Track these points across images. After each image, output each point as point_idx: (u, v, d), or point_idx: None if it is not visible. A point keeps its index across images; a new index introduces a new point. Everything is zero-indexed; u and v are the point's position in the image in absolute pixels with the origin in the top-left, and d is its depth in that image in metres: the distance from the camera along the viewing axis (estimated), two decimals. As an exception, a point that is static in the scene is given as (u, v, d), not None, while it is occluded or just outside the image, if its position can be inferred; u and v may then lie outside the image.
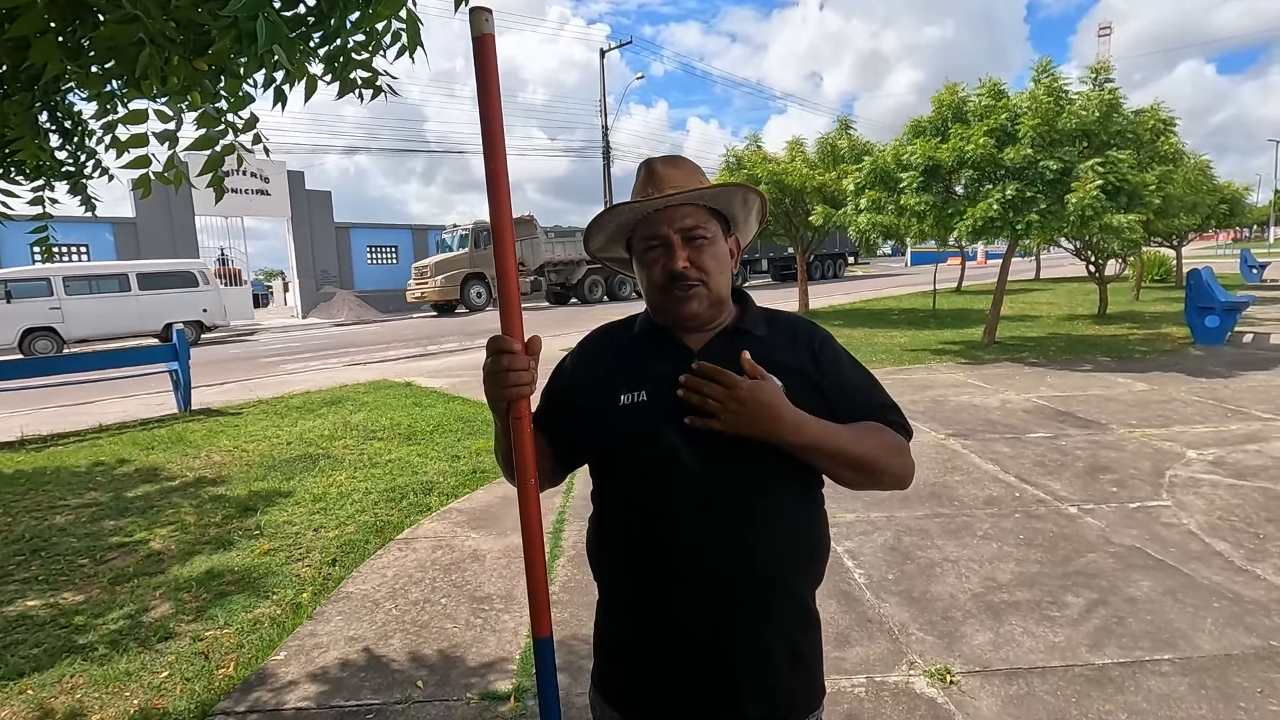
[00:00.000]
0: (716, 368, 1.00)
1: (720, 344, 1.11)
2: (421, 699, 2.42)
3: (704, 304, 1.09)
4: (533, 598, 1.06)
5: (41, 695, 2.57)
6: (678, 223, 1.08)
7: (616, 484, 1.12)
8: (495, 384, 0.99)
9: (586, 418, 1.11)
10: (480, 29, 0.94)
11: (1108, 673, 2.42)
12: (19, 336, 15.34)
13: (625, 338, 1.18)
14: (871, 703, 2.31)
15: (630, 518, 1.09)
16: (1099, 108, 7.99)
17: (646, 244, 1.10)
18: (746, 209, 1.16)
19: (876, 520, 3.85)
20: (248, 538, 4.03)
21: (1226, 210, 18.42)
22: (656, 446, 1.05)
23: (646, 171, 1.12)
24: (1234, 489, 4.12)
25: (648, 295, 1.13)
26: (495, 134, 0.96)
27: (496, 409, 1.03)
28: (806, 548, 1.12)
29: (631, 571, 1.11)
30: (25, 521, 4.47)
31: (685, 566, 1.04)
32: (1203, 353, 9.00)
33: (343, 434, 6.41)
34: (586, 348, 1.20)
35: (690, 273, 1.07)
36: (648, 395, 1.08)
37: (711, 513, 1.04)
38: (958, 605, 2.92)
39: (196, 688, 2.56)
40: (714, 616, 1.04)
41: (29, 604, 3.33)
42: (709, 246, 1.09)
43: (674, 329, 1.13)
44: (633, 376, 1.10)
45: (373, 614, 3.07)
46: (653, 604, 1.08)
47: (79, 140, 2.02)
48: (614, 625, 1.16)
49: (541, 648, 1.08)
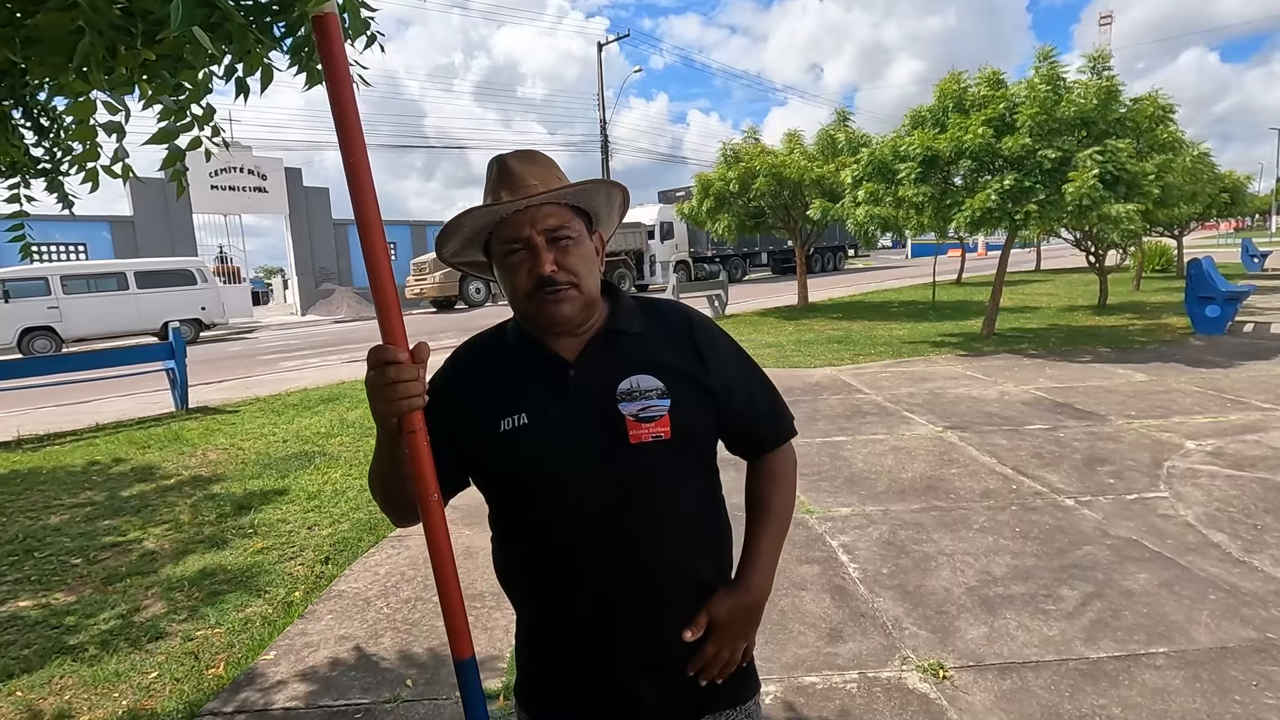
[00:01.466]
0: (712, 655, 1.07)
1: (596, 349, 1.06)
2: (410, 698, 2.41)
3: (576, 306, 1.03)
4: (449, 619, 1.00)
5: (30, 696, 2.56)
6: (540, 223, 1.00)
7: (509, 508, 1.09)
8: (382, 398, 0.93)
9: (467, 443, 1.06)
10: (318, 6, 0.85)
11: (1102, 666, 2.40)
12: (17, 336, 15.34)
13: (496, 351, 1.11)
14: (864, 699, 2.29)
15: (528, 539, 1.07)
16: (1097, 96, 7.93)
17: (508, 248, 1.02)
18: (610, 204, 1.10)
19: (872, 514, 3.83)
20: (241, 536, 4.01)
21: (1228, 199, 18.31)
22: (544, 470, 1.02)
23: (499, 169, 1.04)
24: (1232, 479, 4.09)
25: (514, 303, 1.05)
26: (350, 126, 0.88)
27: (385, 425, 0.96)
28: (710, 538, 1.12)
29: (535, 589, 1.09)
30: (20, 521, 4.46)
31: (589, 577, 1.03)
32: (1203, 343, 8.96)
33: (339, 431, 6.40)
34: (457, 366, 1.12)
35: (559, 276, 1.00)
36: (528, 418, 1.02)
37: (612, 523, 1.01)
38: (952, 599, 2.90)
39: (185, 688, 2.55)
40: (632, 615, 1.04)
41: (20, 604, 3.32)
42: (576, 247, 1.03)
43: (545, 337, 1.06)
44: (511, 398, 1.04)
45: (364, 612, 3.05)
46: (562, 617, 1.07)
47: (55, 136, 1.99)
48: (529, 637, 1.14)
49: (464, 669, 1.02)
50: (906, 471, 4.50)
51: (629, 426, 1.00)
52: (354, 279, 28.51)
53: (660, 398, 1.02)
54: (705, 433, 1.09)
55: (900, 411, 6.04)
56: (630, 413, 1.01)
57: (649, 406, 1.01)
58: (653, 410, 1.01)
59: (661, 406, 1.01)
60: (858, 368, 8.29)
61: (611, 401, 1.01)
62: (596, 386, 1.03)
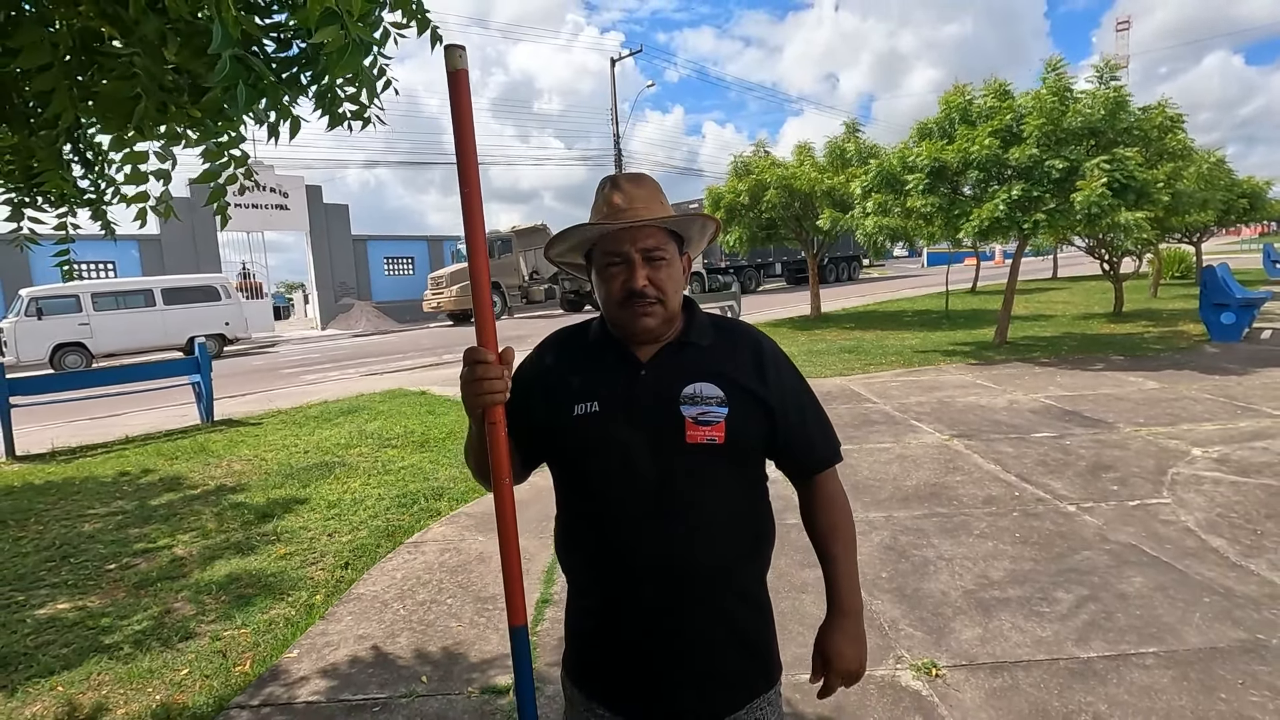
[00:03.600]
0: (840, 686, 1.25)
1: (667, 355, 1.18)
2: (425, 693, 2.53)
3: (659, 319, 1.16)
4: (508, 588, 1.15)
5: (70, 692, 2.72)
6: (640, 242, 1.13)
7: (575, 487, 1.22)
8: (471, 392, 1.08)
9: (543, 426, 1.20)
10: (454, 65, 1.03)
11: (1092, 666, 2.47)
12: (50, 352, 15.81)
13: (579, 345, 1.25)
14: (857, 695, 2.38)
15: (590, 518, 1.19)
16: (1105, 106, 7.98)
17: (608, 259, 1.16)
18: (702, 232, 1.25)
19: (874, 520, 3.90)
20: (265, 543, 4.18)
21: (1247, 205, 18.11)
22: (610, 454, 1.14)
23: (611, 188, 1.18)
24: (1236, 486, 4.12)
25: (606, 308, 1.19)
26: (469, 161, 1.06)
27: (473, 415, 1.12)
28: (752, 539, 1.21)
29: (593, 566, 1.20)
30: (55, 529, 4.67)
31: (640, 560, 1.13)
32: (1218, 350, 8.91)
33: (358, 442, 6.58)
34: (542, 355, 1.27)
35: (649, 291, 1.13)
36: (599, 406, 1.15)
37: (663, 512, 1.13)
38: (949, 602, 2.97)
39: (214, 684, 2.70)
40: (668, 605, 1.14)
41: (59, 607, 3.50)
42: (667, 266, 1.16)
43: (626, 341, 1.19)
44: (585, 388, 1.17)
45: (381, 614, 3.19)
46: (612, 595, 1.17)
47: (99, 170, 2.17)
48: (580, 613, 1.25)
49: (516, 635, 1.17)
50: (911, 479, 4.57)
51: (687, 427, 1.11)
52: (372, 294, 28.99)
53: (719, 405, 1.12)
54: (757, 443, 1.18)
55: (908, 420, 6.10)
56: (690, 415, 1.12)
57: (708, 411, 1.12)
58: (710, 415, 1.12)
59: (719, 413, 1.12)
60: (868, 377, 8.34)
61: (675, 403, 1.13)
62: (663, 388, 1.14)
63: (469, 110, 1.06)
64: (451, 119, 1.05)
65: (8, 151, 1.94)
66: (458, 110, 1.04)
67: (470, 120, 1.06)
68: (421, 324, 25.49)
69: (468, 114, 1.05)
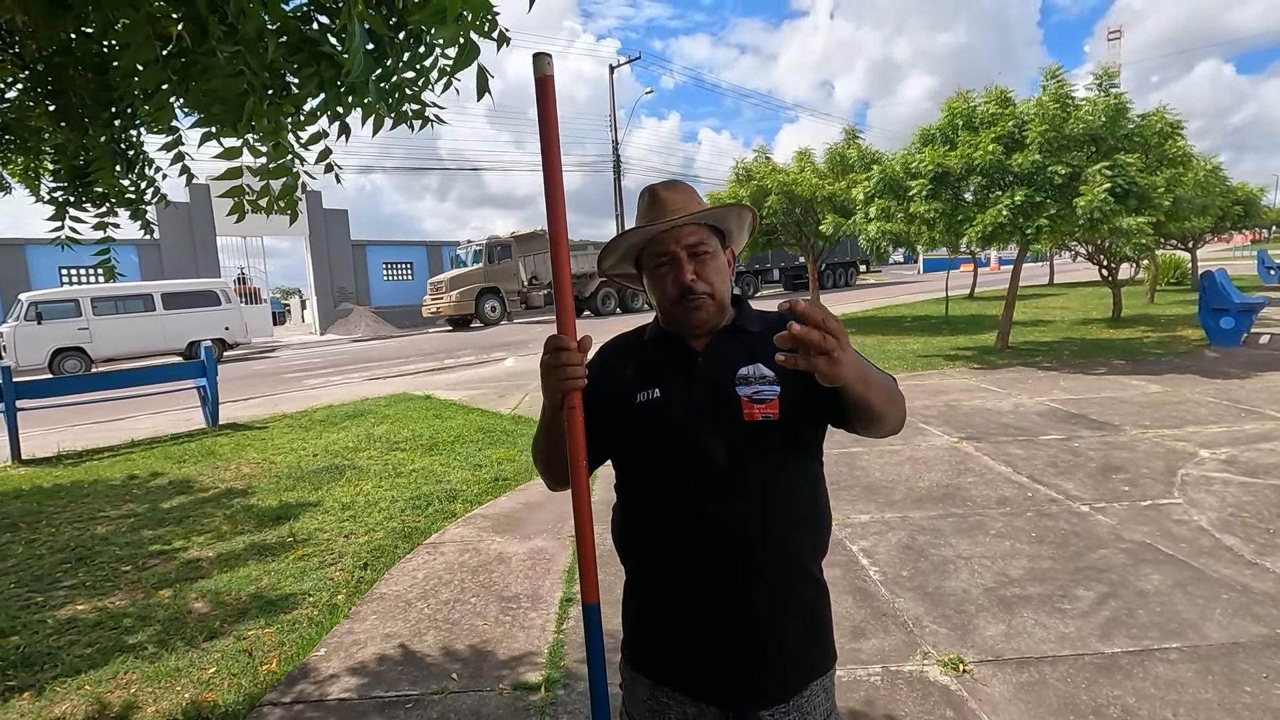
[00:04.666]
0: (811, 306, 0.92)
1: (720, 341, 1.24)
2: (456, 690, 2.55)
3: (710, 312, 1.22)
4: (582, 567, 1.20)
5: (98, 690, 2.73)
6: (683, 240, 1.20)
7: (639, 473, 1.26)
8: (553, 377, 1.12)
9: (608, 416, 1.24)
10: (542, 71, 1.07)
11: (1117, 661, 2.50)
12: (49, 357, 15.75)
13: (637, 344, 1.32)
14: (887, 690, 2.41)
15: (654, 499, 1.22)
16: (1105, 112, 8.07)
17: (656, 261, 1.22)
18: (740, 223, 1.30)
19: (890, 520, 3.93)
20: (281, 544, 4.18)
21: (1241, 212, 18.30)
22: (673, 435, 1.19)
23: (650, 197, 1.25)
24: (1246, 486, 4.17)
25: (660, 307, 1.25)
26: (554, 162, 1.10)
27: (553, 400, 1.16)
28: (812, 518, 1.24)
29: (656, 547, 1.23)
30: (68, 532, 4.66)
31: (704, 537, 1.17)
32: (1218, 354, 8.99)
33: (366, 445, 6.58)
34: (604, 355, 1.33)
35: (698, 285, 1.19)
36: (661, 392, 1.20)
37: (726, 489, 1.16)
38: (970, 599, 3.00)
39: (243, 682, 2.71)
40: (731, 583, 1.16)
41: (78, 608, 3.50)
42: (712, 260, 1.22)
43: (682, 335, 1.25)
44: (647, 377, 1.23)
45: (406, 613, 3.20)
46: (676, 574, 1.20)
47: (140, 169, 2.20)
48: (641, 598, 1.28)
49: (589, 613, 1.20)
50: (923, 480, 4.61)
51: (743, 406, 1.15)
52: (371, 299, 28.97)
53: (772, 384, 1.16)
54: (812, 420, 1.22)
55: (915, 423, 6.14)
56: (745, 394, 1.16)
57: (761, 390, 1.16)
58: (764, 394, 1.16)
59: (772, 392, 1.15)
60: (872, 381, 8.38)
61: (730, 384, 1.17)
62: (719, 371, 1.18)
63: (554, 114, 1.09)
64: (539, 123, 1.09)
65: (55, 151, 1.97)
66: (544, 115, 1.08)
67: (555, 123, 1.10)
68: (421, 329, 25.48)
69: (553, 118, 1.09)
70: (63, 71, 1.55)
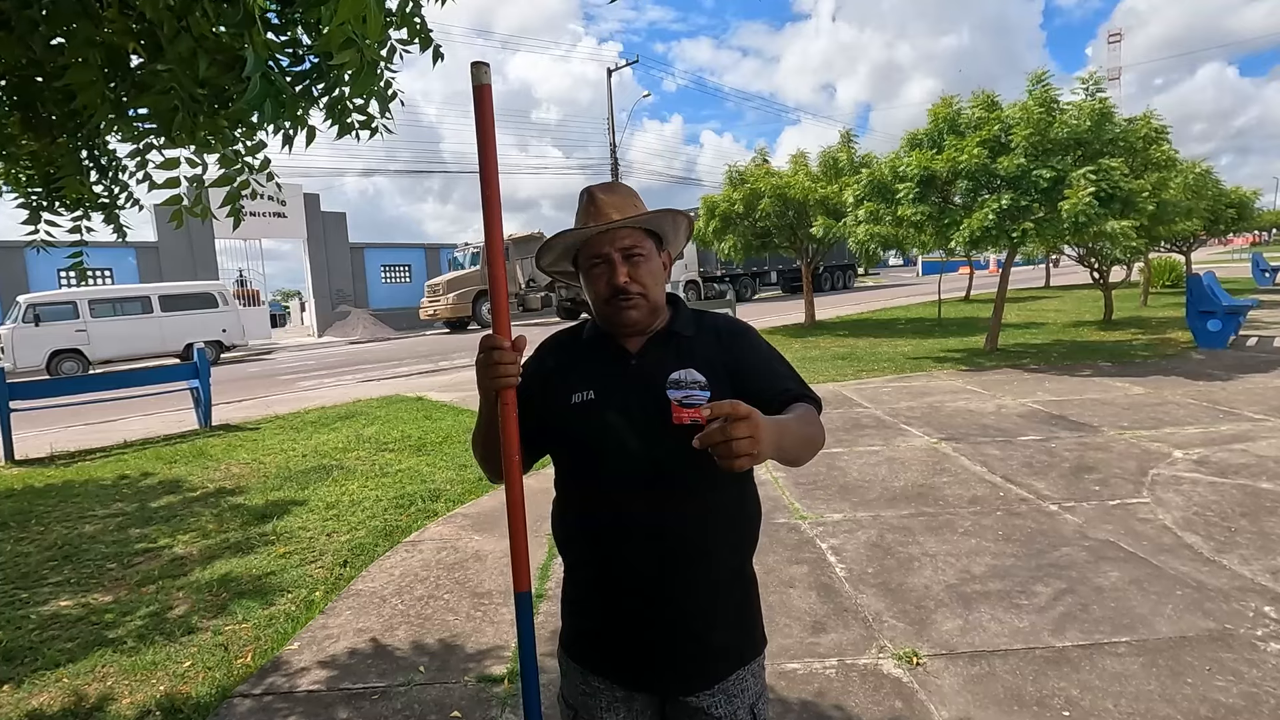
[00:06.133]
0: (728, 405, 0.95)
1: (654, 346, 1.28)
2: (423, 681, 2.61)
3: (643, 312, 1.26)
4: (515, 554, 1.24)
5: (76, 683, 2.79)
6: (618, 243, 1.23)
7: (573, 470, 1.31)
8: (486, 375, 1.17)
9: (544, 416, 1.29)
10: (480, 80, 1.11)
11: (1066, 654, 2.56)
12: (46, 358, 15.83)
13: (574, 343, 1.36)
14: (840, 682, 2.47)
15: (587, 497, 1.29)
16: (1090, 117, 8.14)
17: (591, 262, 1.26)
18: (676, 228, 1.35)
19: (862, 519, 4.00)
20: (265, 542, 4.25)
21: (1235, 214, 18.35)
22: (604, 437, 1.24)
23: (588, 199, 1.28)
24: (1213, 486, 4.23)
25: (595, 306, 1.29)
26: (490, 169, 1.14)
27: (488, 397, 1.21)
28: (738, 518, 1.30)
29: (588, 543, 1.29)
30: (57, 530, 4.73)
31: (634, 535, 1.23)
32: (1204, 356, 9.05)
33: (356, 446, 6.65)
34: (541, 353, 1.37)
35: (631, 286, 1.23)
36: (595, 394, 1.25)
37: (654, 490, 1.22)
38: (931, 595, 3.07)
39: (217, 675, 2.77)
40: (660, 580, 1.23)
41: (62, 604, 3.57)
42: (645, 262, 1.25)
43: (616, 335, 1.29)
44: (581, 379, 1.27)
45: (380, 609, 3.27)
46: (606, 567, 1.27)
47: (114, 175, 2.27)
48: (576, 586, 1.35)
49: (521, 601, 1.25)
50: (899, 480, 4.67)
51: (673, 410, 1.18)
52: (369, 301, 29.06)
53: (702, 389, 1.19)
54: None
55: (898, 424, 6.21)
56: (676, 398, 1.19)
57: (691, 395, 1.19)
58: (694, 399, 1.19)
59: (702, 396, 1.19)
60: (860, 383, 8.45)
61: (661, 388, 1.20)
62: (651, 374, 1.22)
63: (491, 123, 1.14)
64: (476, 131, 1.13)
65: (29, 158, 2.04)
66: (481, 123, 1.12)
67: (492, 132, 1.14)
68: (418, 331, 25.56)
69: (490, 127, 1.13)
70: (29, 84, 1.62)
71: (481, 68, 1.11)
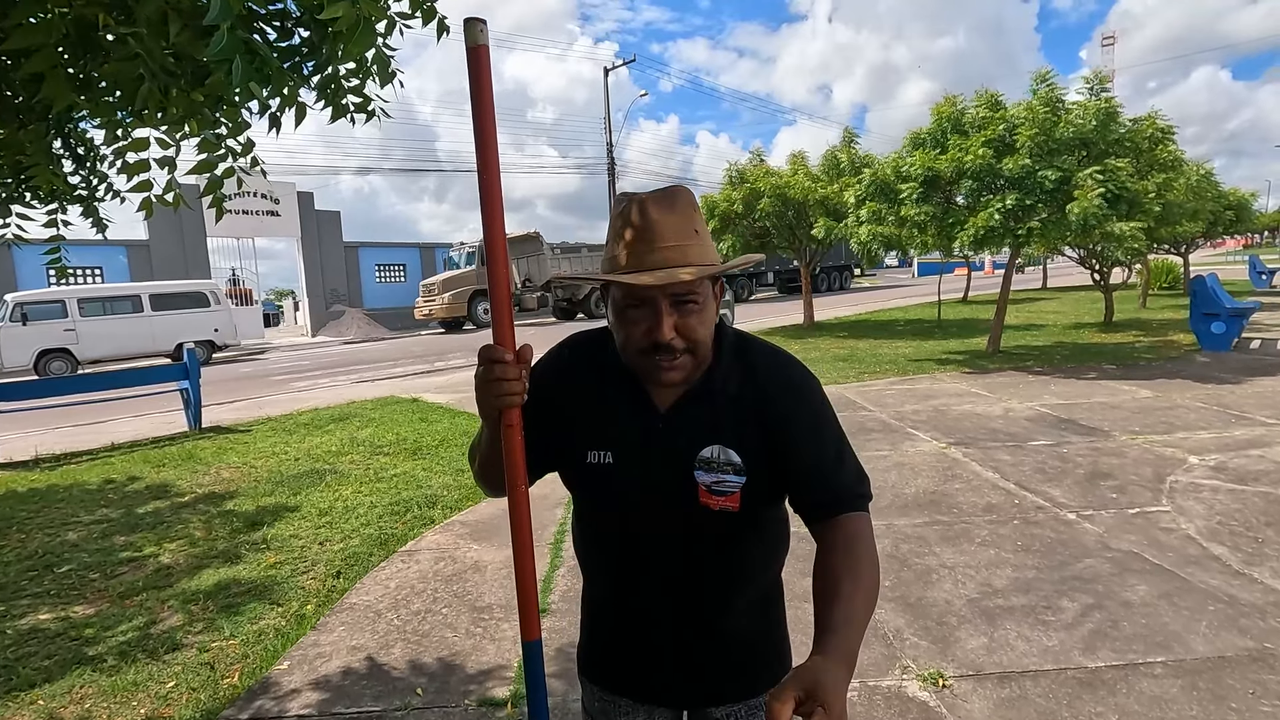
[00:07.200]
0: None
1: (688, 404, 1.06)
2: (421, 705, 2.46)
3: (686, 372, 1.02)
4: (522, 603, 1.07)
5: (51, 705, 2.63)
6: (670, 286, 0.95)
7: (589, 516, 1.19)
8: (487, 392, 0.98)
9: (555, 454, 1.13)
10: (474, 40, 0.93)
11: (1100, 675, 2.43)
12: (34, 358, 15.58)
13: (597, 366, 1.11)
14: (864, 706, 2.34)
15: (604, 541, 1.18)
16: (1096, 117, 8.04)
17: (628, 301, 0.98)
18: (746, 266, 1.16)
19: (875, 528, 3.86)
20: (255, 551, 4.09)
21: (1233, 216, 18.34)
22: (623, 504, 1.09)
23: (638, 214, 0.96)
24: (1234, 494, 4.11)
25: (623, 352, 1.03)
26: (489, 144, 0.95)
27: (487, 416, 1.02)
28: (767, 569, 1.18)
29: (608, 572, 1.19)
30: (38, 538, 4.56)
31: (654, 584, 1.12)
32: (1209, 359, 8.97)
33: (349, 449, 6.49)
34: (560, 367, 1.14)
35: (677, 343, 0.97)
36: (613, 458, 1.07)
37: (676, 555, 1.10)
38: (953, 611, 2.93)
39: (202, 697, 2.62)
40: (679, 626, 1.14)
41: (40, 617, 3.40)
42: (699, 311, 0.99)
43: (646, 382, 1.06)
44: (599, 434, 1.08)
45: (375, 624, 3.12)
46: (627, 600, 1.17)
47: (91, 165, 2.11)
48: (594, 609, 1.25)
49: (530, 650, 1.10)
50: (910, 487, 4.54)
51: (700, 494, 1.02)
52: (364, 300, 28.83)
53: (736, 474, 1.02)
54: (775, 502, 1.11)
55: (904, 428, 6.08)
56: (705, 483, 1.02)
57: (723, 481, 1.02)
58: (726, 486, 1.02)
59: (735, 483, 1.02)
60: (863, 385, 8.33)
61: (690, 465, 1.03)
62: (680, 445, 1.04)
63: (489, 89, 0.95)
64: (470, 98, 0.95)
65: None
66: (477, 89, 0.94)
67: (490, 100, 0.95)
68: (413, 331, 25.35)
69: (488, 93, 0.95)
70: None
71: (476, 25, 0.93)
